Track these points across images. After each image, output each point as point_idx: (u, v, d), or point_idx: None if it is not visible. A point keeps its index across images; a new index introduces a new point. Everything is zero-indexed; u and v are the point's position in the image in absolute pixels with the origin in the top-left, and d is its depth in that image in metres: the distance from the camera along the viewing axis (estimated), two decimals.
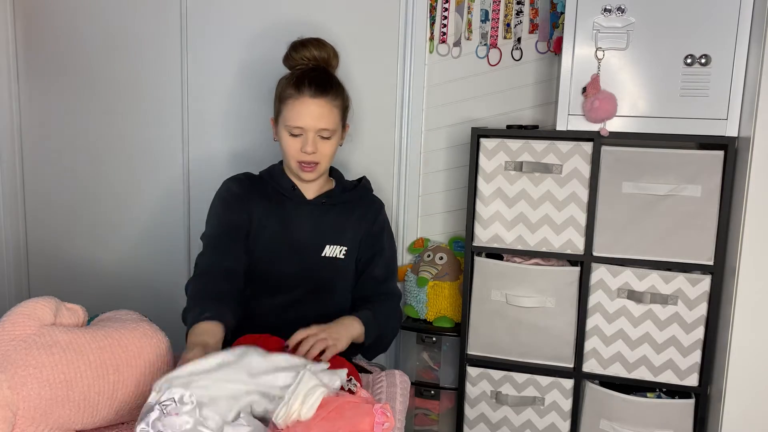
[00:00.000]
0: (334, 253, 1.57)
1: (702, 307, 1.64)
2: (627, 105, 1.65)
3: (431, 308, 2.00)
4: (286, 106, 1.51)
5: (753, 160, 1.52)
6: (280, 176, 1.60)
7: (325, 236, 1.58)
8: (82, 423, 1.06)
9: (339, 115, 1.54)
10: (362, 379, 1.33)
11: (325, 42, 1.60)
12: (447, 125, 2.07)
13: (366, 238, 1.61)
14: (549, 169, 1.71)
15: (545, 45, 1.96)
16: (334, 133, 1.53)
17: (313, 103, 1.49)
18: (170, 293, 2.24)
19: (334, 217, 1.59)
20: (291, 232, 1.57)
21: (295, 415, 1.02)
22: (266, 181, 1.62)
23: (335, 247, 1.57)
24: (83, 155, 2.31)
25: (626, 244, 1.68)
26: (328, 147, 1.53)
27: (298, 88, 1.49)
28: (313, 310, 1.52)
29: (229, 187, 1.60)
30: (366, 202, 1.65)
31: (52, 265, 2.40)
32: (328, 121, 1.50)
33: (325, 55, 1.58)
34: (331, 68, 1.61)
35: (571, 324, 1.75)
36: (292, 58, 1.58)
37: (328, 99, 1.50)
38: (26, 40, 2.30)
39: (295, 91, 1.50)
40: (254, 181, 1.62)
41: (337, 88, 1.55)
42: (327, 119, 1.50)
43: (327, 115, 1.50)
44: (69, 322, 1.11)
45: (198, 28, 2.15)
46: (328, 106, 1.50)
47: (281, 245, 1.56)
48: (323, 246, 1.57)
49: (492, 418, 1.84)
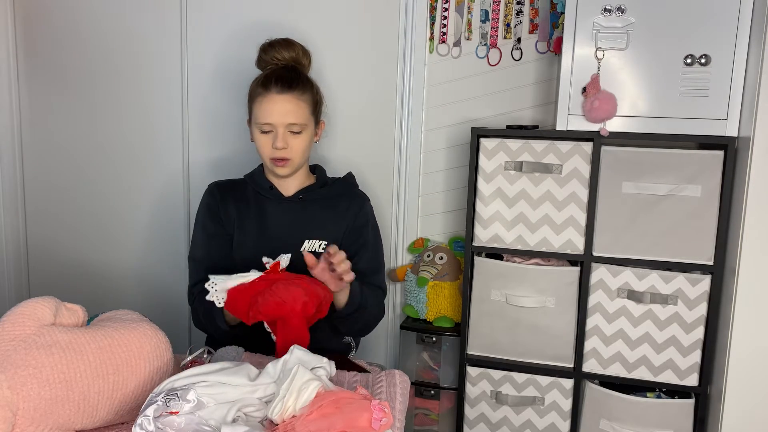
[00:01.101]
0: (313, 247, 1.58)
1: (702, 307, 1.64)
2: (627, 105, 1.65)
3: (431, 308, 2.00)
4: (255, 104, 1.55)
5: (753, 160, 1.52)
6: (260, 177, 1.65)
7: (303, 231, 1.59)
8: (82, 423, 1.06)
9: (308, 110, 1.56)
10: (362, 379, 1.33)
11: (293, 42, 1.64)
12: (447, 125, 2.07)
13: (349, 233, 1.62)
14: (549, 169, 1.71)
15: (545, 45, 1.96)
16: (304, 128, 1.55)
17: (280, 99, 1.52)
18: (170, 293, 2.24)
19: (314, 213, 1.62)
20: (268, 230, 1.60)
21: (290, 410, 1.02)
22: (247, 184, 1.66)
23: (314, 242, 1.59)
24: (83, 155, 2.31)
25: (626, 244, 1.68)
26: (300, 142, 1.55)
27: (265, 86, 1.54)
28: None
29: (203, 202, 1.66)
30: (349, 196, 1.67)
31: (52, 265, 2.40)
32: (296, 115, 1.53)
33: (293, 54, 1.62)
34: (302, 67, 1.64)
35: (571, 324, 1.75)
36: (262, 60, 1.63)
37: (295, 94, 1.53)
38: (26, 40, 2.30)
39: (263, 89, 1.54)
40: (231, 187, 1.66)
41: (305, 83, 1.58)
42: (295, 114, 1.53)
43: (295, 110, 1.53)
44: (69, 322, 1.11)
45: (198, 29, 2.16)
46: (295, 101, 1.53)
47: (259, 244, 1.58)
48: (301, 241, 1.59)
49: (492, 418, 1.84)
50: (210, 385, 1.04)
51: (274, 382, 1.10)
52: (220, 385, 1.05)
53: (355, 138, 2.10)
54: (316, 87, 1.62)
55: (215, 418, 1.01)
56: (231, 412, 1.03)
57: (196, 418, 1.00)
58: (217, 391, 1.04)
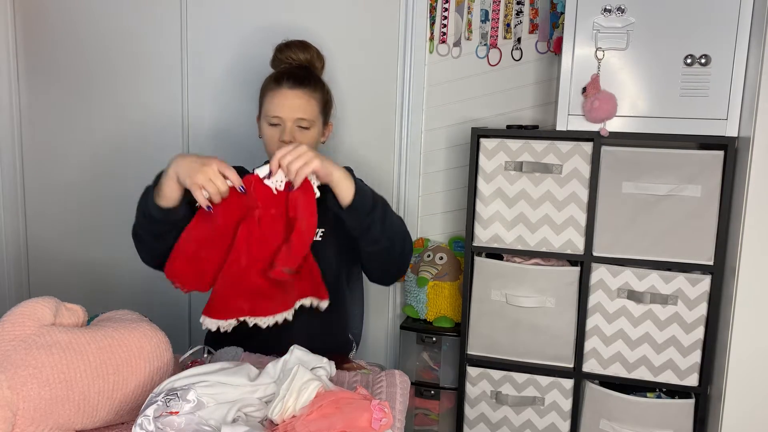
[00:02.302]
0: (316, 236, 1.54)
1: (702, 307, 1.64)
2: (627, 105, 1.65)
3: (431, 308, 2.00)
4: (266, 98, 1.55)
5: (753, 160, 1.52)
6: None
7: None
8: (82, 423, 1.06)
9: (318, 108, 1.56)
10: (362, 379, 1.33)
11: (309, 44, 1.64)
12: (447, 125, 2.07)
13: None
14: (549, 169, 1.71)
15: (545, 45, 1.96)
16: (312, 125, 1.55)
17: (291, 93, 1.52)
18: (170, 293, 2.24)
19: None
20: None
21: (290, 410, 1.02)
22: None
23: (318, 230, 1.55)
24: (83, 155, 2.31)
25: (626, 244, 1.68)
26: (307, 138, 1.54)
27: (278, 81, 1.54)
28: None
29: None
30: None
31: (52, 265, 2.40)
32: (306, 111, 1.53)
33: (308, 56, 1.62)
34: (315, 69, 1.63)
35: (571, 324, 1.75)
36: (277, 59, 1.63)
37: (306, 90, 1.53)
38: (26, 40, 2.30)
39: (275, 84, 1.54)
40: None
41: (317, 82, 1.58)
42: (304, 110, 1.52)
43: (304, 105, 1.52)
44: (69, 322, 1.11)
45: (198, 29, 2.16)
46: (305, 97, 1.53)
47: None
48: None
49: (492, 418, 1.84)
50: (210, 385, 1.04)
51: (274, 382, 1.10)
52: (220, 385, 1.05)
53: (355, 138, 2.10)
54: (327, 88, 1.62)
55: (215, 418, 1.01)
56: (231, 412, 1.03)
57: (196, 418, 1.00)
58: (217, 391, 1.04)
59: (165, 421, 0.97)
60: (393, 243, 1.44)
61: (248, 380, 1.08)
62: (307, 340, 1.32)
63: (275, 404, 1.03)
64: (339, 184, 1.32)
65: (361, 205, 1.34)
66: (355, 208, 1.33)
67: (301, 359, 1.14)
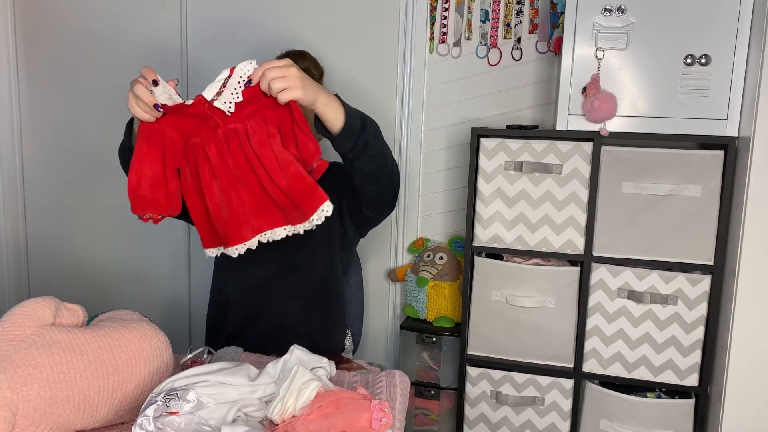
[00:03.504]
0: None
1: (702, 307, 1.64)
2: (627, 105, 1.65)
3: (431, 308, 2.00)
4: None
5: (753, 160, 1.52)
6: None
7: None
8: (82, 423, 1.06)
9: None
10: (362, 379, 1.33)
11: (307, 53, 1.67)
12: (447, 125, 2.07)
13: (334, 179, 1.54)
14: (549, 169, 1.71)
15: (545, 45, 1.96)
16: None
17: None
18: (170, 293, 2.24)
19: None
20: None
21: (290, 410, 1.02)
22: None
23: None
24: (83, 155, 2.32)
25: (626, 244, 1.68)
26: None
27: None
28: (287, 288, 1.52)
29: None
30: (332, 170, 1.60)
31: (52, 265, 2.40)
32: None
33: (306, 65, 1.63)
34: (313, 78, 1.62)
35: (571, 324, 1.75)
36: None
37: None
38: (26, 40, 2.30)
39: None
40: None
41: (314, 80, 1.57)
42: None
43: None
44: (69, 322, 1.11)
45: (198, 29, 2.16)
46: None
47: None
48: None
49: (492, 418, 1.84)
50: (210, 385, 1.04)
51: (274, 382, 1.10)
52: (220, 385, 1.05)
53: None
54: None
55: (215, 418, 1.01)
56: (231, 412, 1.03)
57: (196, 418, 1.00)
58: (217, 391, 1.04)
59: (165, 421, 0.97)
60: (386, 157, 1.42)
61: (248, 380, 1.08)
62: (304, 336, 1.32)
63: (275, 404, 1.03)
64: (326, 111, 1.24)
65: (352, 126, 1.27)
66: (348, 130, 1.26)
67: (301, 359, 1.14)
